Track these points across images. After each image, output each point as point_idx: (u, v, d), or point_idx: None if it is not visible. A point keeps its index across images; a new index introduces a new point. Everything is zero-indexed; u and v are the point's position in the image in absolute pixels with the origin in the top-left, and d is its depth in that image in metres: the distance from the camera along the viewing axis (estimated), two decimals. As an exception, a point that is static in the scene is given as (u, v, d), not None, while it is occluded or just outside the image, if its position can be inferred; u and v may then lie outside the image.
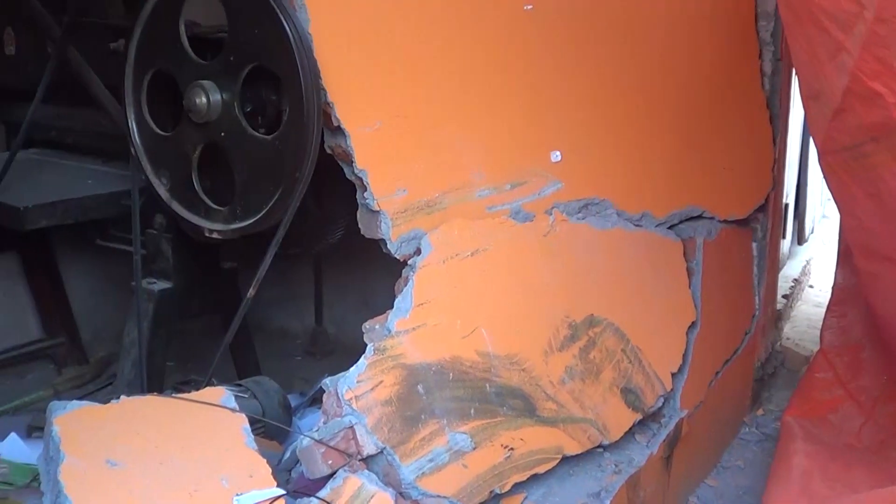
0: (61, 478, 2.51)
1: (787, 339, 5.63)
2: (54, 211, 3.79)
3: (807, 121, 3.33)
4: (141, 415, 2.80)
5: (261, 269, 3.20)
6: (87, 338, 4.91)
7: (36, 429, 3.86)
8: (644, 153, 3.89)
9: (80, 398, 2.85)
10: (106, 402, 2.83)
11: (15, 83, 4.42)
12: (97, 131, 4.15)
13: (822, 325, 4.65)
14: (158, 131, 3.45)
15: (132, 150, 3.50)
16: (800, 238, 6.90)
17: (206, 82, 3.21)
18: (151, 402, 2.89)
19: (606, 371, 3.54)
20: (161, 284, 3.74)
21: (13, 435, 3.46)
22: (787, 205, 5.99)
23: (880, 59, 2.66)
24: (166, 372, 3.92)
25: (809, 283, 6.57)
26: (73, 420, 2.71)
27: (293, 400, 3.83)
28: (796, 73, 3.19)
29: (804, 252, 6.89)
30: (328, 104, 2.97)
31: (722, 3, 4.20)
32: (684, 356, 3.93)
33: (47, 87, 3.93)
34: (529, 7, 3.43)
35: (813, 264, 6.74)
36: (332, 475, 2.81)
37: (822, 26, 2.80)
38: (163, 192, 3.46)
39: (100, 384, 4.62)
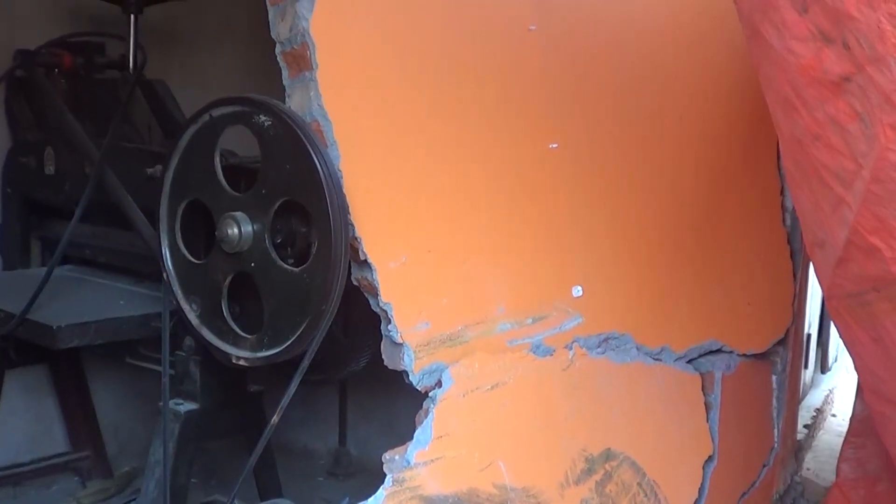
0: None
1: (808, 469, 5.61)
2: (86, 331, 3.86)
3: (813, 267, 3.39)
4: (163, 540, 2.85)
5: (285, 397, 3.24)
6: (113, 452, 4.97)
7: (60, 541, 3.91)
8: (665, 287, 3.95)
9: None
10: (128, 523, 2.89)
11: (53, 201, 4.54)
12: (130, 252, 4.24)
13: (840, 457, 4.63)
14: (191, 258, 3.52)
15: (164, 275, 3.57)
16: (823, 367, 6.90)
17: (238, 213, 3.28)
18: (174, 527, 2.94)
19: (622, 504, 3.58)
20: (188, 406, 3.78)
21: (37, 549, 3.51)
22: (809, 335, 6.01)
23: (878, 217, 2.73)
24: (189, 490, 3.95)
25: (832, 411, 6.55)
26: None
27: (314, 522, 3.88)
28: (801, 221, 3.25)
29: (827, 381, 6.88)
30: (356, 239, 3.04)
31: (745, 139, 4.28)
32: (700, 490, 3.95)
33: (84, 208, 4.03)
34: (555, 146, 3.53)
35: (836, 393, 6.73)
36: None
37: (824, 181, 2.87)
38: (193, 318, 3.52)
39: (124, 499, 4.66)
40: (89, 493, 4.71)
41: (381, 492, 2.93)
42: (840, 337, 3.55)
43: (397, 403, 4.65)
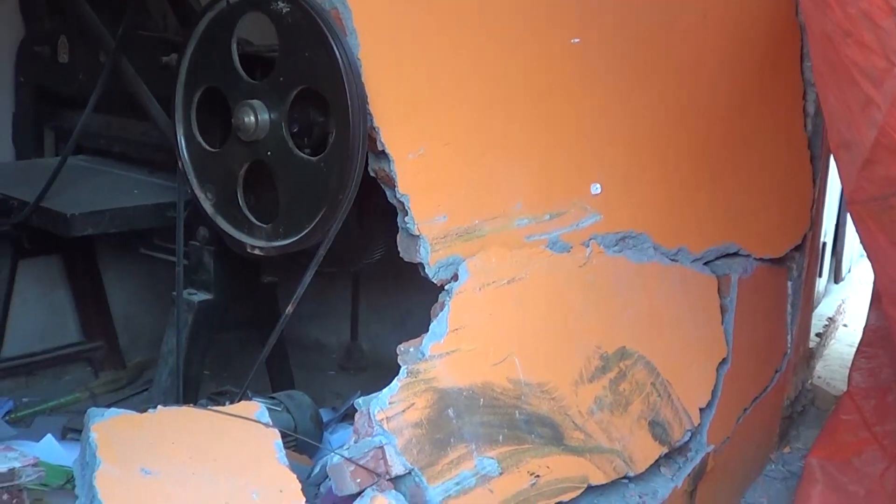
0: (96, 483, 2.56)
1: (819, 377, 5.62)
2: (100, 219, 3.85)
3: (837, 168, 3.35)
4: (177, 425, 2.84)
5: (300, 286, 3.24)
6: (125, 343, 4.98)
7: (71, 430, 3.91)
8: (684, 188, 3.91)
9: (116, 403, 2.91)
10: (142, 409, 2.88)
11: (66, 91, 4.50)
12: (145, 142, 4.22)
13: (851, 366, 4.64)
14: (206, 147, 3.51)
15: (179, 163, 3.56)
16: (836, 277, 6.88)
17: (255, 102, 3.27)
18: (187, 413, 2.93)
19: (635, 403, 3.56)
20: (201, 296, 3.79)
21: (49, 437, 3.51)
22: (824, 243, 5.98)
23: (908, 116, 2.70)
24: (202, 381, 3.97)
25: (844, 322, 6.55)
26: (110, 427, 2.75)
27: (325, 415, 3.88)
28: (827, 122, 3.21)
29: (840, 291, 6.87)
30: (374, 129, 3.01)
31: (768, 43, 4.22)
32: (713, 392, 3.94)
33: (98, 97, 4.00)
34: (577, 41, 3.48)
35: (848, 303, 6.72)
36: (359, 493, 2.84)
37: (854, 79, 2.83)
38: (208, 206, 3.51)
39: (136, 389, 4.68)
40: (101, 383, 4.73)
41: (396, 383, 2.93)
42: (861, 242, 3.53)
43: (410, 299, 4.64)
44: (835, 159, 3.41)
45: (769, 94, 4.29)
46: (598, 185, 3.55)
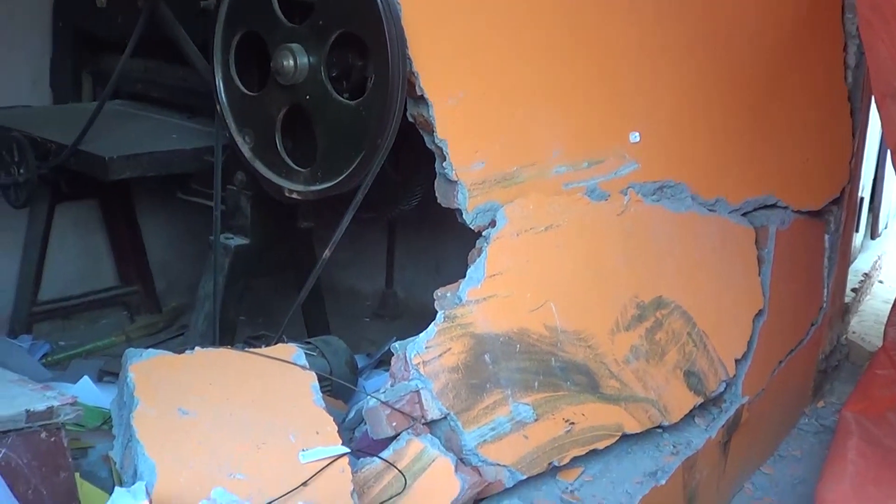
0: (134, 423, 2.59)
1: (854, 332, 5.60)
2: (138, 163, 3.86)
3: (881, 119, 3.31)
4: (214, 367, 2.86)
5: (337, 231, 3.24)
6: (161, 287, 5.01)
7: (107, 373, 3.94)
8: (722, 139, 3.89)
9: (153, 347, 2.91)
10: (179, 352, 2.90)
11: (104, 35, 4.49)
12: (183, 86, 4.22)
13: (887, 322, 4.63)
14: (245, 91, 3.50)
15: (218, 108, 3.55)
16: (873, 232, 6.84)
17: (294, 45, 3.25)
18: (224, 354, 2.95)
19: (671, 353, 3.56)
20: (238, 240, 3.80)
21: (86, 378, 3.53)
22: (862, 198, 5.94)
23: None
24: (237, 326, 3.98)
25: (880, 278, 6.52)
26: (148, 368, 2.78)
27: (360, 361, 3.89)
28: (871, 70, 3.17)
29: (876, 247, 6.83)
30: (413, 73, 2.99)
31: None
32: (749, 343, 3.94)
33: (137, 42, 3.99)
34: (619, -12, 3.46)
35: (885, 259, 6.70)
36: (395, 437, 2.86)
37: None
38: (246, 150, 3.51)
39: (171, 333, 4.71)
40: (137, 327, 4.76)
41: (433, 327, 2.94)
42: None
43: (445, 247, 4.65)
44: (879, 109, 3.37)
45: (810, 46, 4.25)
46: (637, 134, 3.52)
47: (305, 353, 3.00)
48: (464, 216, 3.09)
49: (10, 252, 4.58)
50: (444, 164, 3.05)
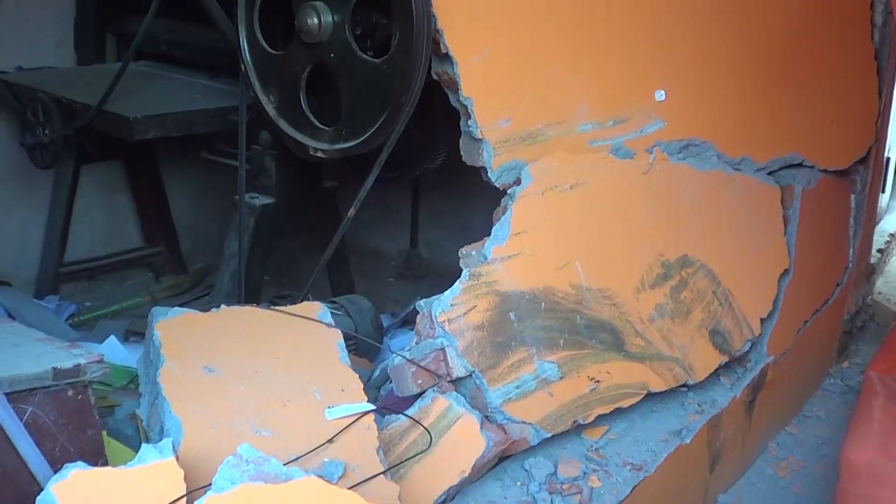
0: (160, 380, 2.60)
1: (879, 293, 5.58)
2: (163, 123, 3.87)
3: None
4: (239, 324, 2.88)
5: (362, 190, 3.24)
6: (186, 248, 5.03)
7: (133, 333, 3.97)
8: (748, 98, 3.86)
9: (178, 307, 2.92)
10: (205, 310, 2.91)
11: (128, -5, 4.50)
12: (207, 46, 4.22)
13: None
14: (269, 50, 3.50)
15: (242, 67, 3.55)
16: (899, 193, 6.82)
17: (318, 3, 3.25)
18: (250, 312, 2.97)
19: (696, 312, 3.55)
20: (263, 200, 3.80)
21: (112, 338, 3.55)
22: (888, 159, 5.91)
23: None
24: (263, 286, 3.99)
25: (905, 239, 6.50)
26: (174, 326, 2.79)
27: (384, 320, 3.90)
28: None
29: (902, 207, 6.81)
30: (438, 31, 2.98)
31: (837, -50, 4.15)
32: (774, 303, 3.92)
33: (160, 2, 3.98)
34: (647, -54, 3.43)
35: (911, 220, 6.67)
36: (420, 394, 2.87)
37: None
38: (270, 109, 3.51)
39: (196, 294, 4.74)
40: (163, 288, 4.78)
41: (458, 285, 2.93)
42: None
43: (469, 208, 4.64)
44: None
45: (836, 4, 4.21)
46: (663, 92, 3.50)
47: (331, 312, 3.01)
48: (488, 174, 3.08)
49: (36, 213, 4.60)
50: (468, 122, 3.04)
